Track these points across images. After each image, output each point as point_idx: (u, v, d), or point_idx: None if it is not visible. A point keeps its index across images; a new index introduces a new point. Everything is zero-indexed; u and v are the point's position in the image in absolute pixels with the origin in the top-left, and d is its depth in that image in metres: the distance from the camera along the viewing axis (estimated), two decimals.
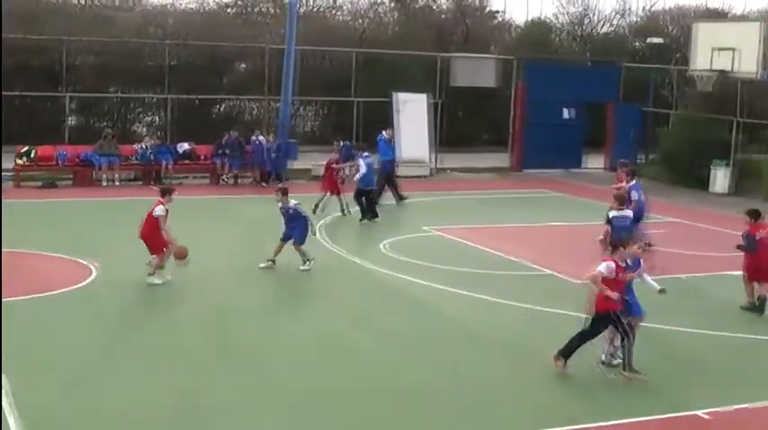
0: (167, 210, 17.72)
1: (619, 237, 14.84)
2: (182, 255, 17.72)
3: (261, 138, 31.68)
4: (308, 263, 19.26)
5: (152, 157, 30.47)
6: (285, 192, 19.50)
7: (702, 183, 33.21)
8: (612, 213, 18.83)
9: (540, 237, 23.80)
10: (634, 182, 21.64)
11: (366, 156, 25.55)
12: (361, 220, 24.85)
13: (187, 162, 31.32)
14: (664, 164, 36.06)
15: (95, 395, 12.14)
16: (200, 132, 32.91)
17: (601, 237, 18.57)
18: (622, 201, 18.96)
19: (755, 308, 17.22)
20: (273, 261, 19.29)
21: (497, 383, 13.36)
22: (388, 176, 28.13)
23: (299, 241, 19.33)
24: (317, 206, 25.17)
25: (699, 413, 12.28)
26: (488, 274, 19.61)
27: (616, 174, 23.31)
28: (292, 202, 19.44)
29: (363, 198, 25.11)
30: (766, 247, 17.04)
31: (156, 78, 35.61)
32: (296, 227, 19.34)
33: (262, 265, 19.24)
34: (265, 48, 35.58)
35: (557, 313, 16.68)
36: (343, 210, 25.56)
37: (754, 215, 17.31)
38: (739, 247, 17.42)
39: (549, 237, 23.78)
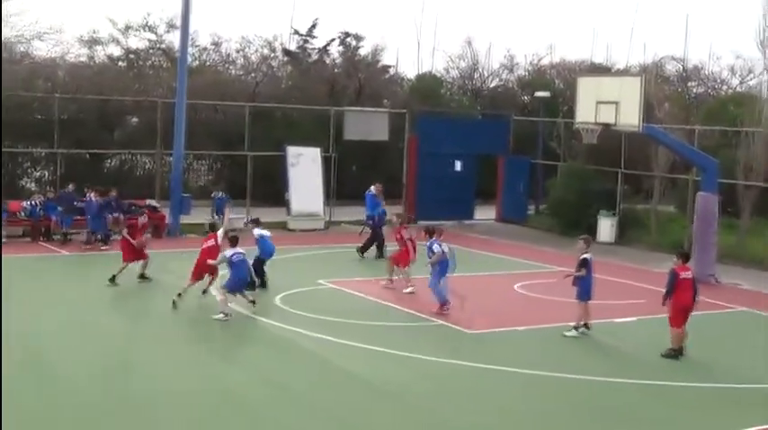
0: None
1: None
2: None
3: (92, 194, 29.40)
4: (223, 315, 19.66)
5: (41, 213, 29.99)
6: (235, 242, 20.13)
7: (590, 232, 33.82)
8: (586, 255, 19.37)
9: None
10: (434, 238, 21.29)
11: (260, 229, 23.60)
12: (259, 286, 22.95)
13: (77, 218, 30.84)
14: (553, 214, 36.91)
15: None
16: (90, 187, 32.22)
17: (572, 275, 19.51)
18: (589, 242, 19.72)
19: (678, 353, 17.71)
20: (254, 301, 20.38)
21: None
22: (379, 229, 29.12)
23: (230, 287, 19.98)
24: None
25: None
26: (382, 326, 19.82)
27: (395, 229, 24.81)
28: (229, 252, 19.96)
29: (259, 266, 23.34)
30: (687, 288, 17.85)
31: (45, 132, 35.04)
32: (234, 272, 19.98)
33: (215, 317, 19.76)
34: (157, 101, 35.41)
35: (449, 363, 16.91)
36: (113, 278, 22.74)
37: (683, 256, 18.40)
38: (666, 293, 17.93)
39: None
